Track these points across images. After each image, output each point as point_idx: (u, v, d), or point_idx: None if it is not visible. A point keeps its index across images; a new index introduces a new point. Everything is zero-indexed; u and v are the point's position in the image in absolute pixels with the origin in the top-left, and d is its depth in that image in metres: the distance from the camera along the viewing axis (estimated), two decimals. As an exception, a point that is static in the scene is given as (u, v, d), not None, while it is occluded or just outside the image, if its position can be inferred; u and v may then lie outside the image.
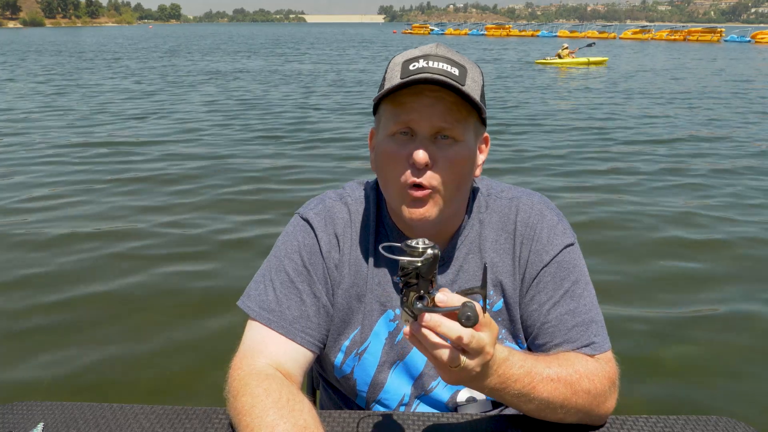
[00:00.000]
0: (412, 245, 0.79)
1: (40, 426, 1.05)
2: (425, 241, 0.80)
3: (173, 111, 11.78)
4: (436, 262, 0.79)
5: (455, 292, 0.83)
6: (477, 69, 1.07)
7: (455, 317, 0.79)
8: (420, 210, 1.03)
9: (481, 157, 1.12)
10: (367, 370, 1.16)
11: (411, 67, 1.01)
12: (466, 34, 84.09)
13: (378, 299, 1.14)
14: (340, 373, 1.19)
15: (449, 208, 1.07)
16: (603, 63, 26.78)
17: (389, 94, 1.02)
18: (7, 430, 1.04)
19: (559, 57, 26.36)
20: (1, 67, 23.46)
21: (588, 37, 66.90)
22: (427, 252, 0.78)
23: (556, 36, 74.29)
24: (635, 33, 72.11)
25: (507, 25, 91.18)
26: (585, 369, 1.04)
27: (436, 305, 0.80)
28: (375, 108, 1.09)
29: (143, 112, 11.67)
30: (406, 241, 0.80)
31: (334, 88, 16.16)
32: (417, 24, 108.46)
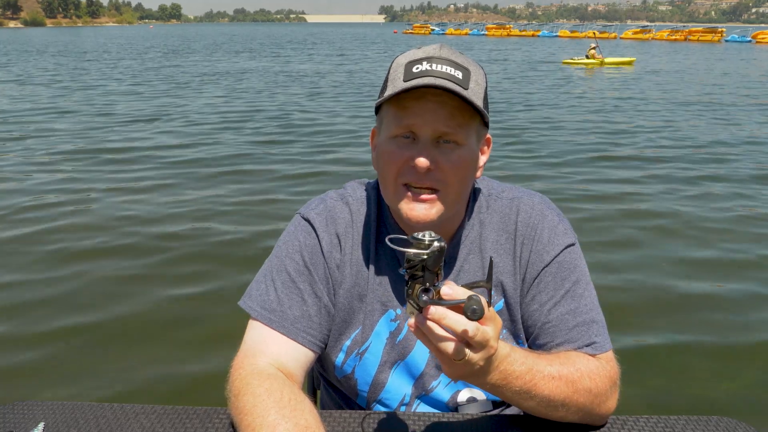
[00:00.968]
0: (419, 237, 0.79)
1: (41, 426, 1.05)
2: (432, 233, 0.80)
3: (177, 115, 11.45)
4: (442, 255, 0.79)
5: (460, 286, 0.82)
6: (480, 70, 1.06)
7: (460, 310, 0.79)
8: (421, 210, 1.03)
9: (483, 159, 1.12)
10: (368, 369, 1.16)
11: (414, 70, 1.01)
12: (466, 34, 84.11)
13: (379, 299, 1.14)
14: (341, 373, 1.19)
15: (450, 210, 1.07)
16: (630, 64, 26.57)
17: (392, 97, 1.02)
18: (7, 429, 1.04)
19: (587, 57, 26.30)
20: (1, 67, 23.46)
21: (588, 37, 66.87)
22: (434, 244, 0.78)
23: (556, 36, 74.30)
24: (636, 33, 72.00)
25: (508, 25, 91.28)
26: (586, 368, 1.04)
27: (442, 298, 0.80)
28: (377, 107, 1.09)
29: (145, 114, 11.53)
30: (413, 234, 0.80)
31: (342, 90, 16.07)
32: (418, 24, 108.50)
